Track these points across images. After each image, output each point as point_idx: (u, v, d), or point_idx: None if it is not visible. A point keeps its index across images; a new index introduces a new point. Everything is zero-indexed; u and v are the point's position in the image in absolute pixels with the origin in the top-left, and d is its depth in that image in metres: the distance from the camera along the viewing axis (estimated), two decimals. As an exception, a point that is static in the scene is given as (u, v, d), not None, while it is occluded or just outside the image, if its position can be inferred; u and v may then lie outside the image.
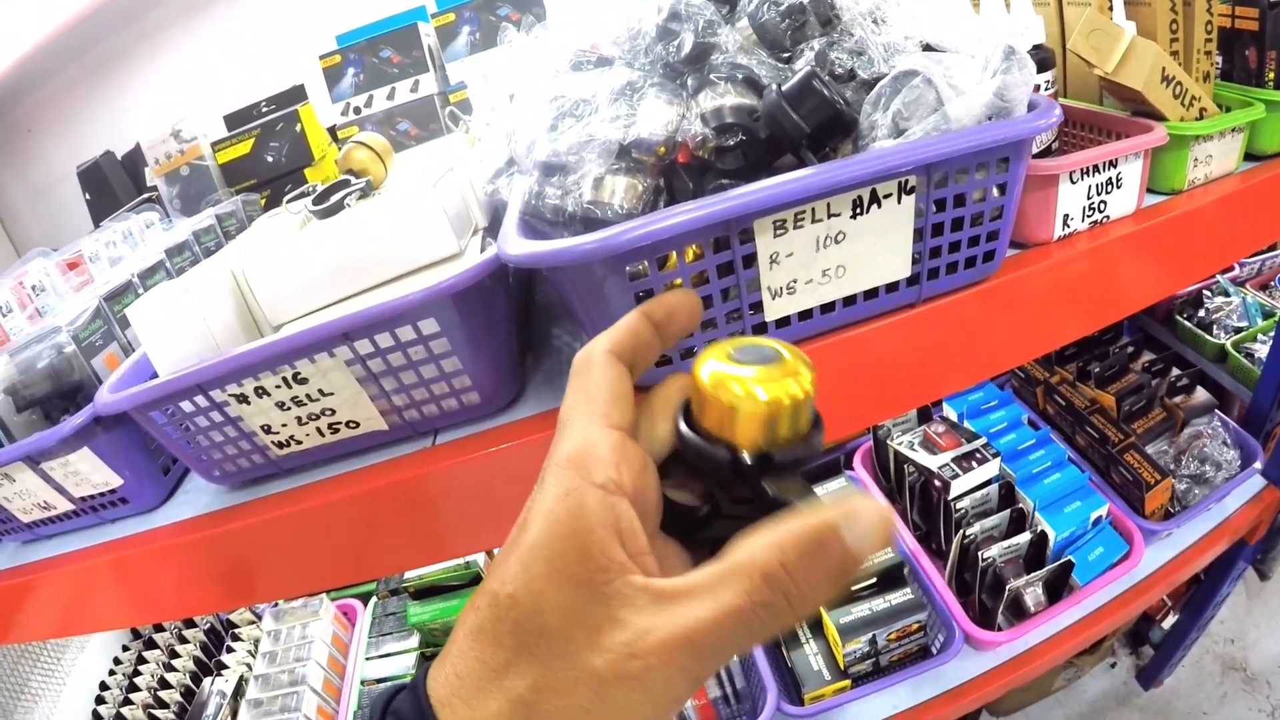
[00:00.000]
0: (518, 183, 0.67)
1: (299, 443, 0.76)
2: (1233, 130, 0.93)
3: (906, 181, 0.64)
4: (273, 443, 0.76)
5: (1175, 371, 1.56)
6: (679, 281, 0.61)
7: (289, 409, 0.72)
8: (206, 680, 1.59)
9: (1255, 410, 1.64)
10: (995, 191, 0.69)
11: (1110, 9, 0.95)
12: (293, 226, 0.90)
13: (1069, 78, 1.08)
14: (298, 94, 1.42)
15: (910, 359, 0.76)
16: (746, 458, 0.32)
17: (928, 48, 0.74)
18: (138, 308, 0.77)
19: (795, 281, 0.65)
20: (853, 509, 0.29)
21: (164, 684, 1.65)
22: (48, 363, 0.90)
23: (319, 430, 0.74)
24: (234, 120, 1.43)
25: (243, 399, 0.71)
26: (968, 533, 1.30)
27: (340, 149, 1.31)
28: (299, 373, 0.69)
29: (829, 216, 0.62)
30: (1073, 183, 0.81)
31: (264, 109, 1.40)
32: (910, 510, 1.44)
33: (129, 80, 1.70)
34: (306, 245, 0.77)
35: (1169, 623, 1.87)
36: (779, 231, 0.61)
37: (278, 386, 0.70)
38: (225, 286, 0.80)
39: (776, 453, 0.33)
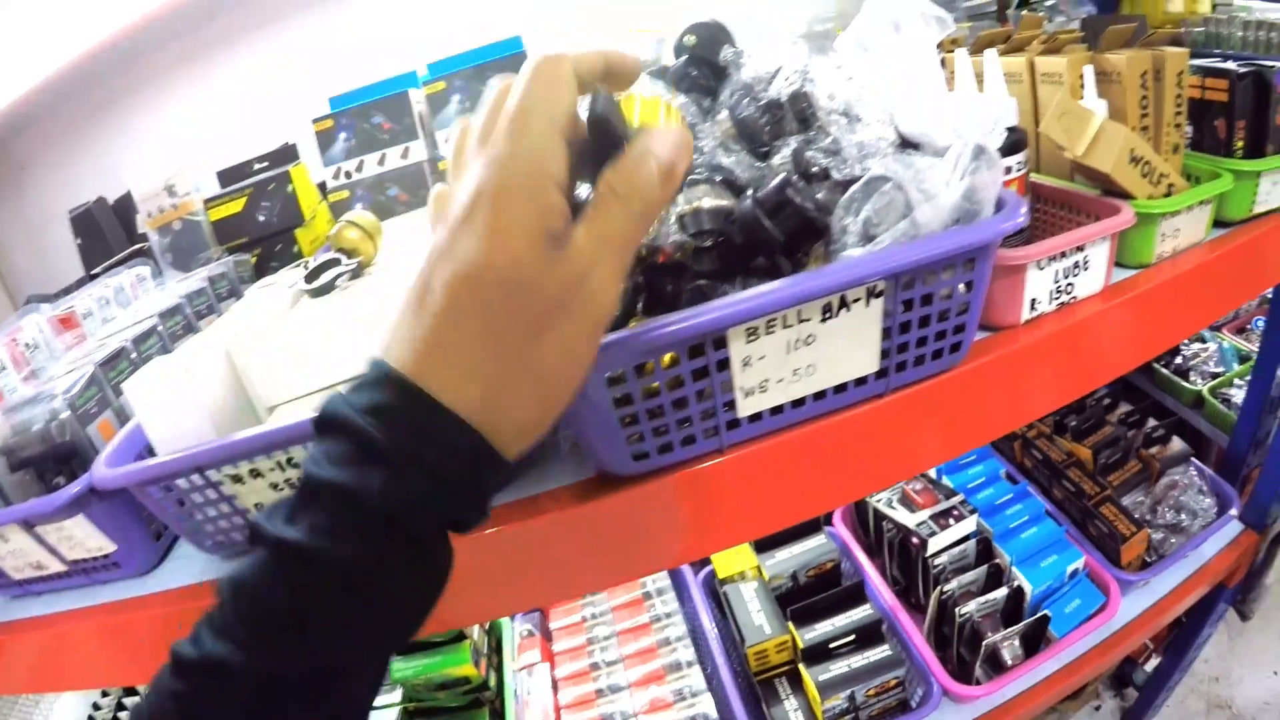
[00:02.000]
0: None
1: (290, 521, 0.79)
2: (1200, 203, 0.97)
3: (875, 286, 0.67)
4: (265, 521, 0.79)
5: (1151, 422, 1.60)
6: (656, 386, 0.64)
7: (282, 489, 0.76)
8: None
9: (1232, 455, 1.69)
10: (962, 288, 0.73)
11: (1083, 87, 0.98)
12: (284, 302, 0.93)
13: (1042, 154, 1.12)
14: (289, 153, 1.45)
15: (880, 444, 0.79)
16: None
17: (903, 142, 0.78)
18: (135, 385, 0.80)
19: (767, 381, 0.69)
20: (652, 132, 0.44)
21: None
22: (43, 425, 0.93)
23: (310, 511, 0.77)
24: (227, 177, 1.46)
25: (237, 479, 0.75)
26: (945, 589, 1.34)
27: (332, 220, 1.35)
28: (292, 457, 0.73)
29: (799, 322, 0.66)
30: (1040, 269, 0.85)
31: (256, 167, 1.43)
32: (890, 566, 1.48)
33: (125, 125, 1.73)
34: (299, 328, 0.80)
35: (1151, 665, 1.90)
36: (751, 338, 0.65)
37: (271, 469, 0.74)
38: (221, 365, 0.84)
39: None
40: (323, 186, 1.40)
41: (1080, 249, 0.86)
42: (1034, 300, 0.86)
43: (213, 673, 0.39)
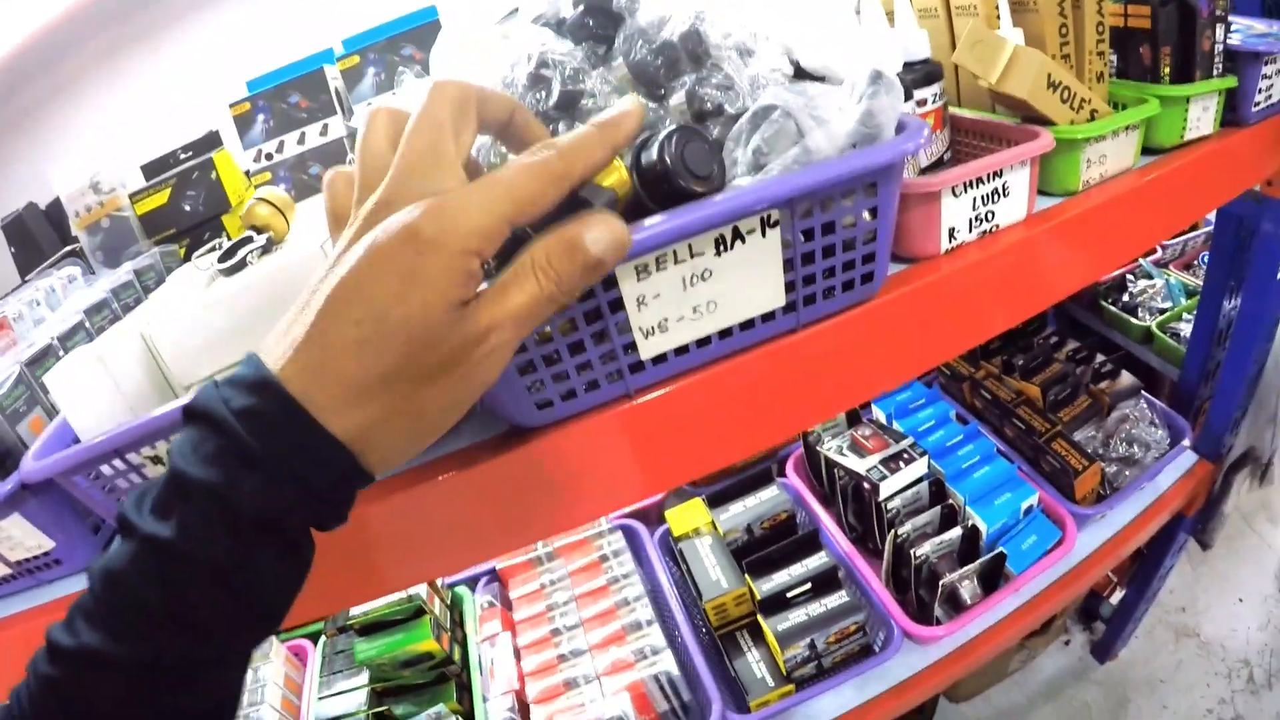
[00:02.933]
0: None
1: (209, 502, 0.77)
2: (1126, 129, 0.95)
3: (770, 216, 0.66)
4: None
5: (1100, 358, 1.60)
6: (548, 331, 0.63)
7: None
8: None
9: (1184, 387, 1.70)
10: (867, 215, 0.71)
11: (998, 18, 0.97)
12: (200, 284, 0.91)
13: (962, 87, 1.11)
14: (213, 140, 1.42)
15: (796, 383, 0.78)
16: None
17: (800, 75, 0.76)
18: (54, 375, 0.78)
19: (666, 320, 0.67)
20: (592, 221, 0.43)
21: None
22: None
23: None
24: (151, 169, 1.42)
25: (158, 460, 0.73)
26: (899, 532, 1.33)
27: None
28: (203, 437, 0.71)
29: (691, 256, 0.65)
30: (955, 196, 0.83)
31: (181, 157, 1.40)
32: (845, 514, 1.47)
33: (48, 130, 1.70)
34: (209, 306, 0.79)
35: (1117, 598, 1.92)
36: (642, 275, 0.63)
37: (184, 450, 0.72)
38: (136, 349, 0.82)
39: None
40: (247, 172, 1.37)
41: (999, 175, 0.85)
42: (953, 230, 0.85)
43: (88, 662, 0.40)
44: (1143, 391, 1.59)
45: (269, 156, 1.32)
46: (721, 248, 0.66)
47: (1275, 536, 2.10)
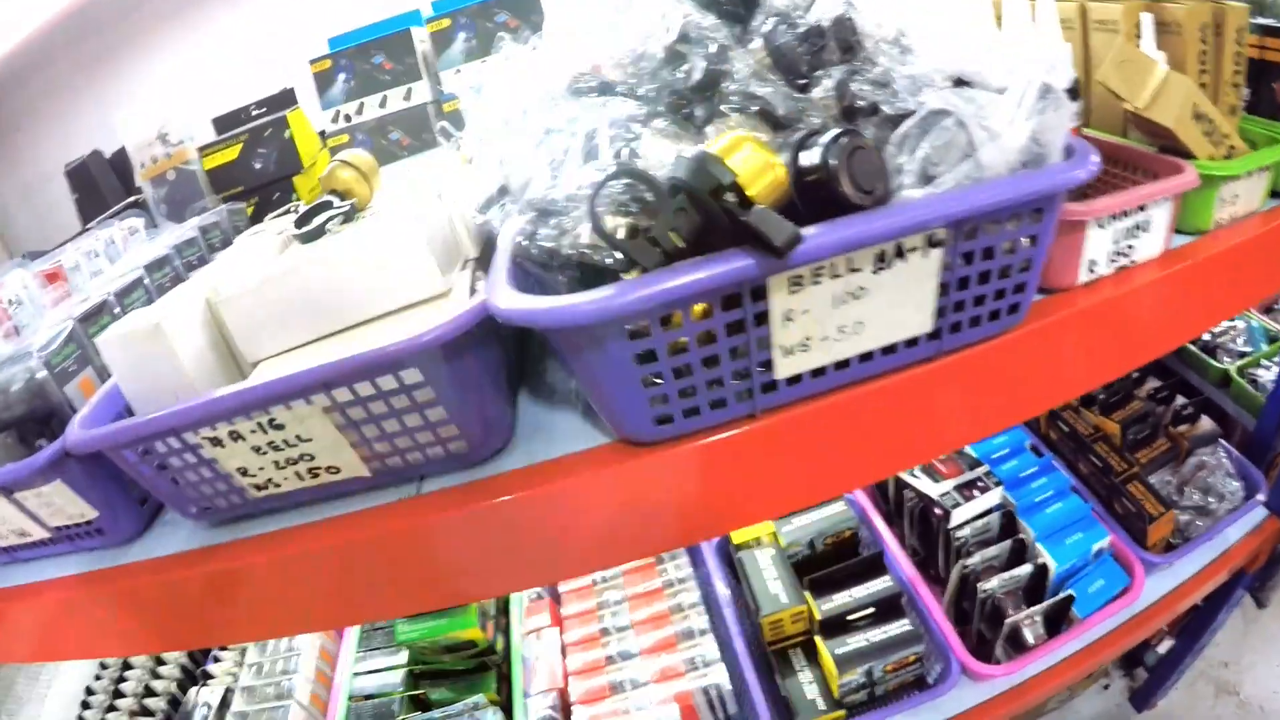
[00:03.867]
0: (509, 224, 0.60)
1: (277, 485, 0.70)
2: (1260, 169, 0.87)
3: (935, 234, 0.58)
4: (250, 485, 0.70)
5: (1180, 399, 1.50)
6: (684, 341, 0.55)
7: (266, 453, 0.67)
8: (192, 690, 1.53)
9: (1259, 438, 1.59)
10: (1025, 241, 0.64)
11: (1139, 36, 0.88)
12: (272, 250, 0.84)
13: (1092, 106, 1.02)
14: (287, 98, 1.35)
15: (927, 413, 0.70)
16: None
17: (958, 81, 0.68)
18: (108, 340, 0.72)
19: (810, 339, 0.59)
20: None
21: (150, 692, 1.60)
22: (22, 385, 0.84)
23: (298, 474, 0.69)
24: (223, 124, 1.36)
25: (217, 442, 0.66)
26: (967, 563, 1.25)
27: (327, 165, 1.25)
28: (275, 419, 0.64)
29: (849, 272, 0.57)
30: (1101, 227, 0.75)
31: (254, 113, 1.33)
32: (909, 535, 1.39)
33: (118, 78, 1.64)
34: (282, 276, 0.71)
35: (1165, 646, 1.82)
36: (794, 289, 0.55)
37: (253, 431, 0.65)
38: (199, 317, 0.74)
39: None
40: (324, 135, 1.30)
41: (1142, 208, 0.77)
42: (1092, 262, 0.77)
43: None
44: (1221, 439, 1.49)
45: (348, 118, 1.25)
46: (881, 264, 0.57)
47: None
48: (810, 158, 0.53)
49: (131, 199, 1.40)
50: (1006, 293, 0.65)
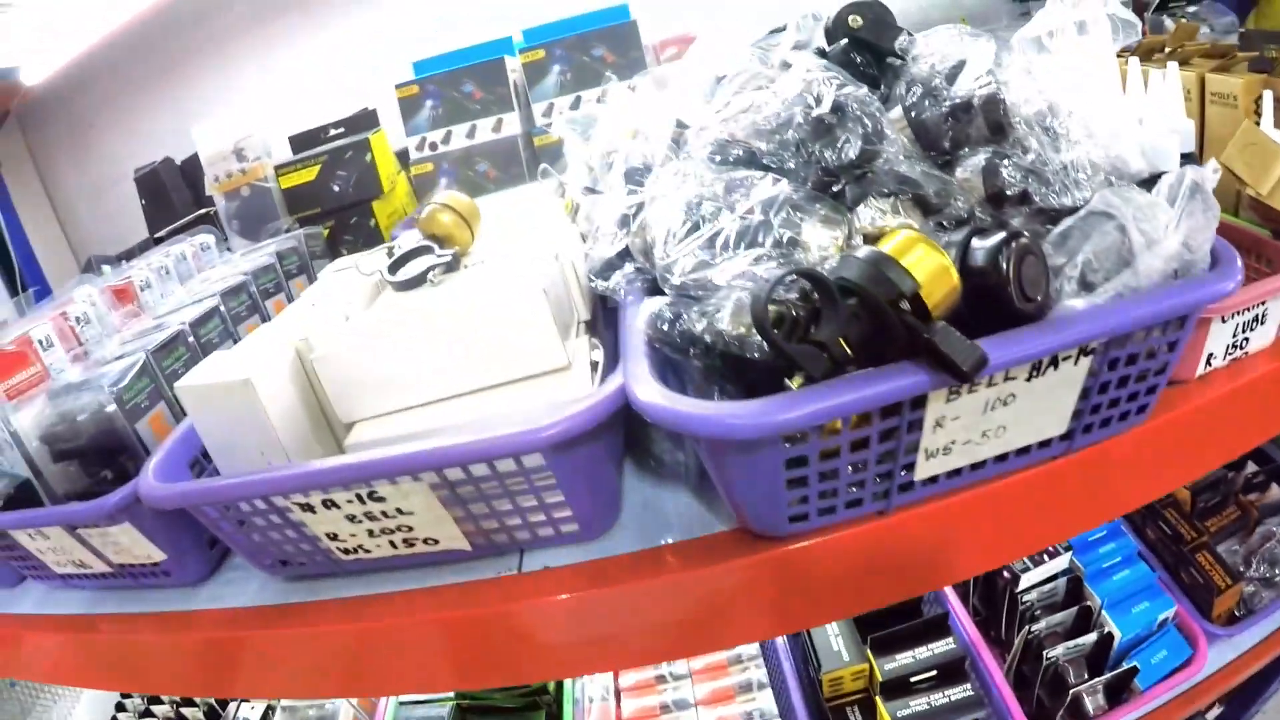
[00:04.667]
0: (647, 304, 0.55)
1: (367, 551, 0.66)
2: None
3: (1089, 343, 0.53)
4: (337, 548, 0.66)
5: (1251, 466, 1.43)
6: (836, 447, 0.50)
7: (360, 521, 0.62)
8: (232, 705, 1.49)
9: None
10: (1165, 347, 0.59)
11: (1258, 113, 0.84)
12: (361, 293, 0.79)
13: (1208, 178, 0.97)
14: (368, 120, 1.31)
15: (1052, 505, 0.66)
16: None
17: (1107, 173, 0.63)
18: (189, 388, 0.67)
19: (954, 443, 0.54)
20: None
21: (188, 701, 1.56)
22: (88, 417, 0.79)
23: (392, 543, 0.64)
24: (299, 143, 1.32)
25: (308, 508, 0.61)
26: (1033, 628, 1.20)
27: (412, 192, 1.20)
28: (375, 491, 0.59)
29: (1005, 380, 0.51)
30: (1223, 322, 0.71)
31: (332, 133, 1.28)
32: (972, 595, 1.33)
33: (195, 84, 1.59)
34: (384, 332, 0.66)
35: (1214, 714, 1.75)
36: (952, 396, 0.50)
37: (349, 500, 0.60)
38: (288, 369, 0.69)
39: None
40: (404, 156, 1.25)
41: (1262, 302, 0.72)
42: (1210, 355, 0.73)
43: None
44: None
45: (433, 146, 1.20)
46: (1035, 373, 0.52)
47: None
48: (980, 259, 0.49)
49: (202, 210, 1.37)
50: (1139, 394, 0.61)
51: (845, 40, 0.71)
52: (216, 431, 0.68)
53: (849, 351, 0.47)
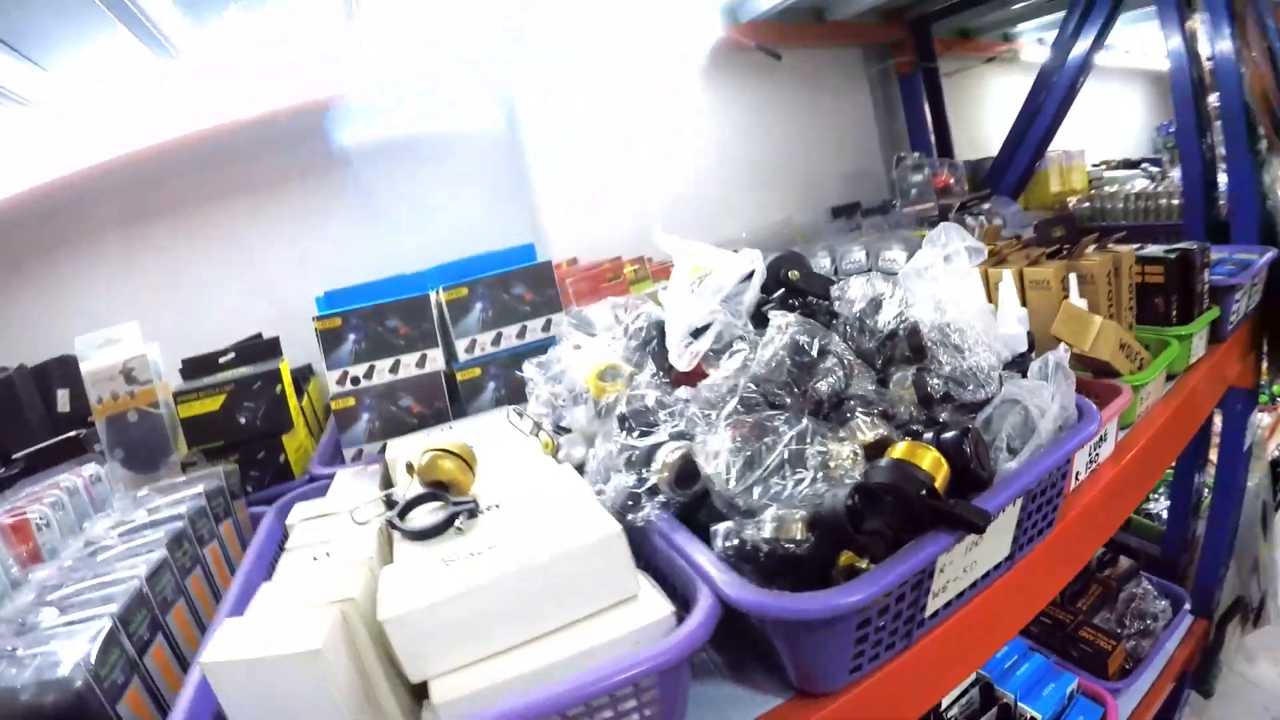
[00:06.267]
0: (722, 529, 0.69)
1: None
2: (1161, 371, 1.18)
3: (1025, 490, 0.77)
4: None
5: (1098, 549, 1.77)
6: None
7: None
8: None
9: (1166, 558, 1.93)
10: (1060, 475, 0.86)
11: (1065, 289, 1.18)
12: (367, 543, 0.80)
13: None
14: (267, 348, 1.32)
15: (1005, 608, 0.86)
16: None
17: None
18: (226, 665, 0.62)
19: (949, 582, 0.73)
20: None
21: None
22: (33, 696, 0.68)
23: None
24: (192, 367, 1.30)
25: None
26: (966, 737, 1.39)
27: (309, 426, 1.22)
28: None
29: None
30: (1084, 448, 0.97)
31: (222, 360, 1.27)
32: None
33: (44, 289, 1.53)
34: (462, 591, 0.66)
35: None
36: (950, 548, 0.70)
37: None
38: (339, 633, 0.65)
39: None
40: (296, 384, 1.26)
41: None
42: (1078, 472, 1.01)
43: None
44: (1141, 572, 1.76)
45: (355, 380, 1.23)
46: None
47: (1254, 672, 2.23)
48: (950, 448, 0.70)
49: (71, 434, 1.29)
50: (1048, 514, 0.86)
51: (781, 290, 0.96)
52: (262, 711, 0.63)
53: (891, 534, 0.65)
